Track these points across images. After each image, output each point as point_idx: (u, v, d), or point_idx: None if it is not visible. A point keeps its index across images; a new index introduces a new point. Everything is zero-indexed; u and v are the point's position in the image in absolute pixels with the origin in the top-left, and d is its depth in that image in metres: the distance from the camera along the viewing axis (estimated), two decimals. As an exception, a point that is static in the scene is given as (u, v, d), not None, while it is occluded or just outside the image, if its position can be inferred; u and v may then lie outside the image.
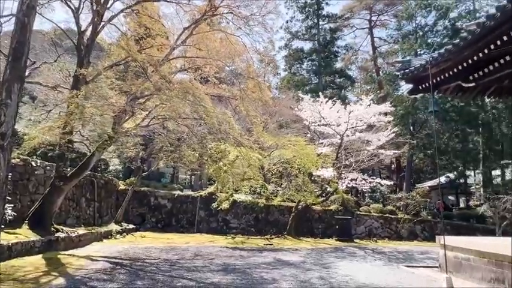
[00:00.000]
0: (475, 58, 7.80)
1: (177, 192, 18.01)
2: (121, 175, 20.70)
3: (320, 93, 16.36)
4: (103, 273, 6.62)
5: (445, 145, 25.23)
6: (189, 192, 18.79)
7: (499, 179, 28.78)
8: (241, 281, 6.48)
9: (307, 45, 34.34)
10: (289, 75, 33.44)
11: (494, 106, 27.17)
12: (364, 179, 15.05)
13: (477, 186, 30.65)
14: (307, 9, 33.37)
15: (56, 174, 9.65)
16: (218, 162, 13.23)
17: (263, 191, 16.50)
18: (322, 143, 16.46)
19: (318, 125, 16.44)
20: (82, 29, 10.69)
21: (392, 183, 19.00)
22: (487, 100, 27.88)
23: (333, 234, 16.54)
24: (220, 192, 14.91)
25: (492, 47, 7.20)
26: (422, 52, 26.18)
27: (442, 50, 8.41)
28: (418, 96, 28.40)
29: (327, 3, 33.38)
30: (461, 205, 29.55)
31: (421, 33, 27.06)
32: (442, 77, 8.98)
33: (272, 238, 15.13)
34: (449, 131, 25.96)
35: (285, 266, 8.53)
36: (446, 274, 6.94)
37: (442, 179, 29.77)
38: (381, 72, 31.13)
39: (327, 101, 15.82)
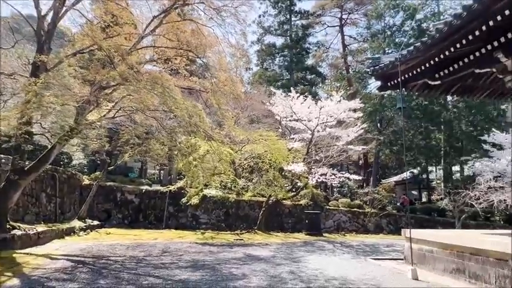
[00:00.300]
0: (442, 56, 8.04)
1: (145, 187, 17.49)
2: (86, 169, 19.84)
3: (292, 89, 16.39)
4: (63, 272, 6.25)
5: (410, 142, 26.20)
6: (158, 187, 18.30)
7: (458, 175, 30.33)
8: (211, 277, 6.33)
9: (279, 41, 34.50)
10: (261, 70, 33.42)
11: (455, 105, 28.52)
12: (333, 173, 15.31)
13: (438, 182, 32.16)
14: (279, 4, 33.40)
15: (12, 168, 9.00)
16: (188, 157, 12.94)
17: (234, 186, 16.37)
18: (293, 138, 16.54)
19: (290, 120, 16.48)
20: (42, 14, 10.01)
21: (360, 178, 19.49)
22: (449, 99, 29.21)
23: (302, 228, 16.71)
24: (190, 187, 14.63)
25: (458, 45, 7.43)
26: (390, 51, 26.95)
27: (411, 48, 8.61)
28: (386, 94, 29.34)
29: (299, 0, 33.65)
30: (424, 199, 30.90)
31: (389, 32, 27.84)
32: (410, 74, 9.22)
33: (242, 233, 15.05)
34: (413, 128, 26.98)
35: (255, 261, 8.46)
36: (412, 266, 7.14)
37: (407, 173, 30.98)
38: (350, 70, 31.76)
39: (298, 97, 15.89)
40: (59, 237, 10.90)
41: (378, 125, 26.77)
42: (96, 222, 14.79)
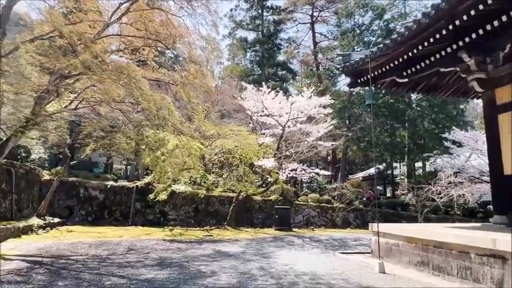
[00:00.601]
0: (410, 54, 8.23)
1: (111, 183, 16.81)
2: (47, 164, 18.81)
3: (263, 84, 16.31)
4: (16, 274, 5.80)
5: (376, 138, 26.95)
6: (124, 182, 17.65)
7: (420, 171, 31.67)
8: (178, 275, 6.11)
9: (251, 36, 34.30)
10: (233, 65, 33.13)
11: (419, 104, 29.67)
12: (303, 169, 15.43)
13: (402, 177, 33.41)
14: (252, -1, 33.26)
15: (-40, 162, 8.28)
16: (156, 151, 12.54)
17: (204, 181, 16.09)
18: (264, 133, 16.48)
19: (261, 115, 16.40)
20: (-5, -4, 9.25)
21: (329, 173, 19.83)
22: (413, 98, 30.33)
23: (272, 223, 16.75)
24: (158, 182, 14.20)
25: (426, 44, 7.61)
26: (359, 49, 27.50)
27: (381, 45, 8.74)
28: (354, 91, 30.01)
29: (271, -5, 33.56)
30: (388, 194, 32.03)
31: (358, 31, 28.42)
32: (380, 71, 9.39)
33: (212, 229, 14.84)
34: (380, 126, 27.79)
35: (224, 257, 8.31)
36: (379, 260, 7.27)
37: (373, 170, 31.94)
38: (320, 67, 32.17)
39: (270, 92, 15.84)
40: (14, 236, 10.20)
41: (347, 121, 27.33)
42: (57, 220, 14.03)
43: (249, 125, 17.45)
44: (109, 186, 16.50)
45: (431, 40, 7.37)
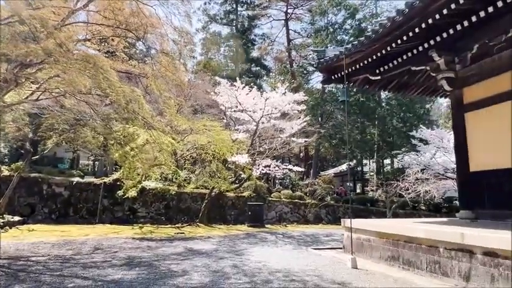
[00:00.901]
0: (384, 51, 8.31)
1: (77, 179, 16.04)
2: (7, 160, 17.70)
3: (237, 79, 16.09)
4: (-32, 278, 5.33)
5: (348, 136, 27.45)
6: (91, 179, 16.90)
7: (389, 167, 32.65)
8: (148, 275, 5.85)
9: (225, 30, 33.86)
10: (206, 59, 32.59)
11: (388, 102, 30.49)
12: (277, 165, 15.39)
13: (371, 174, 34.31)
14: (226, -7, 32.79)
15: None
16: (125, 147, 12.07)
17: (175, 177, 15.70)
18: (238, 129, 16.29)
19: (234, 110, 16.19)
20: None
21: (302, 170, 19.95)
22: (383, 96, 31.14)
23: (245, 220, 16.64)
24: (127, 178, 13.69)
25: (399, 41, 7.70)
26: (332, 47, 27.85)
27: (356, 42, 8.79)
28: (327, 89, 30.41)
29: (246, -11, 33.23)
30: (358, 191, 32.79)
31: (331, 29, 28.74)
32: (354, 68, 9.45)
33: (183, 226, 14.53)
34: (351, 123, 28.30)
35: (196, 255, 8.10)
36: (352, 255, 7.31)
37: (344, 166, 32.59)
38: (294, 64, 32.32)
39: (244, 87, 15.66)
40: (-32, 236, 9.48)
41: (319, 119, 27.64)
42: (17, 218, 13.21)
43: (223, 120, 17.19)
44: (74, 182, 15.74)
45: (405, 38, 7.46)
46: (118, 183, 15.21)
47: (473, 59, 8.39)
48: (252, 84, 17.56)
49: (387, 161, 32.87)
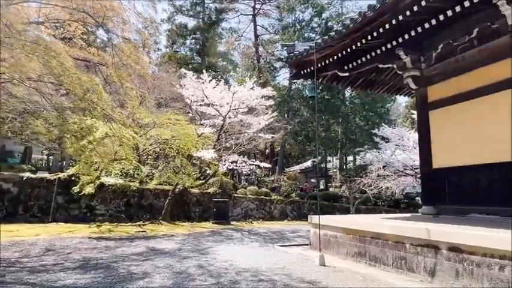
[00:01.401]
0: (354, 47, 8.27)
1: (27, 174, 14.82)
2: None
3: (204, 71, 15.60)
4: None
5: (313, 132, 27.79)
6: (44, 174, 15.70)
7: (351, 164, 33.53)
8: (104, 279, 5.37)
9: (191, 22, 32.88)
10: (171, 51, 31.53)
11: (352, 101, 31.26)
12: (244, 161, 15.12)
13: (334, 170, 35.08)
14: (192, -17, 31.83)
15: None
16: (81, 140, 11.28)
17: (137, 173, 14.97)
18: (203, 124, 15.82)
19: (200, 104, 15.70)
20: None
21: (270, 166, 19.83)
22: (347, 95, 31.86)
23: (210, 217, 16.27)
24: (84, 174, 12.84)
25: (369, 37, 7.68)
26: (302, 43, 27.97)
27: (326, 37, 8.70)
28: (294, 86, 30.58)
29: (213, -18, 32.45)
30: (322, 187, 33.39)
31: (299, 26, 28.88)
32: (323, 63, 9.36)
33: (145, 224, 13.89)
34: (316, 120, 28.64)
35: (158, 255, 7.66)
36: (320, 252, 7.23)
37: (309, 163, 33.00)
38: (261, 60, 32.18)
39: (211, 80, 15.20)
40: None
41: (286, 115, 27.72)
42: (-44, 217, 11.98)
43: (188, 114, 16.63)
44: (25, 178, 14.53)
45: (375, 34, 7.45)
46: (74, 179, 14.22)
47: (438, 59, 8.60)
48: (219, 77, 17.06)
49: (350, 158, 33.73)
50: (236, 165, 14.94)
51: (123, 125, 11.05)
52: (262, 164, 16.50)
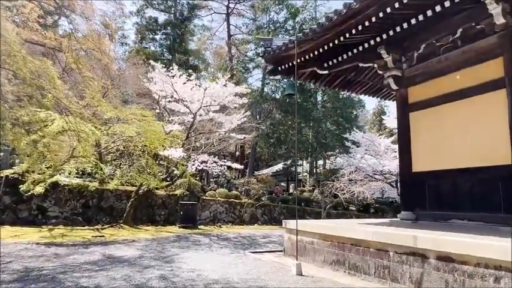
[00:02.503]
0: (336, 41, 7.81)
1: (-32, 172, 13.22)
2: None
3: (174, 65, 14.66)
4: None
5: (285, 135, 27.44)
6: (-11, 171, 14.10)
7: (321, 168, 33.55)
8: (45, 296, 4.47)
9: (162, 17, 31.56)
10: (140, 46, 30.07)
11: (324, 105, 31.30)
12: (215, 161, 14.31)
13: (304, 174, 34.96)
14: (163, -24, 30.56)
15: None
16: (32, 134, 10.11)
17: (96, 172, 13.77)
18: (172, 120, 14.87)
19: (169, 100, 14.75)
20: None
21: (241, 167, 19.07)
22: (319, 99, 31.89)
23: (176, 220, 15.33)
24: (34, 172, 11.58)
25: (353, 31, 7.26)
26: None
27: (307, 30, 8.21)
28: (266, 87, 30.16)
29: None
30: (291, 190, 33.14)
31: (273, 27, 28.53)
32: (302, 59, 8.85)
33: (104, 228, 12.77)
34: (288, 123, 28.38)
35: (116, 264, 6.76)
36: (296, 261, 6.64)
37: (280, 166, 32.66)
38: (234, 60, 31.53)
39: (181, 75, 14.32)
40: None
41: (257, 117, 27.19)
42: None
43: (155, 110, 15.62)
44: (-34, 175, 12.93)
45: (360, 28, 7.03)
46: (24, 177, 12.83)
47: (420, 59, 8.35)
48: (190, 75, 16.16)
49: (320, 162, 33.73)
50: (206, 166, 14.11)
51: (81, 118, 10.01)
52: (234, 165, 15.76)
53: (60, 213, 13.70)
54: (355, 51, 8.50)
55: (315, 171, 32.36)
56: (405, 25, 7.21)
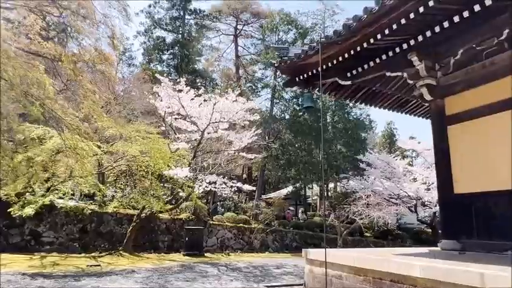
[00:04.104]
0: (365, 45, 6.94)
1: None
2: None
3: (181, 79, 13.90)
4: None
5: (295, 157, 26.35)
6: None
7: (331, 191, 32.14)
8: None
9: (169, 37, 31.39)
10: (147, 65, 29.69)
11: (334, 126, 30.35)
12: (224, 182, 13.21)
13: (314, 198, 33.57)
14: (173, -1, 30.58)
15: None
16: (24, 152, 9.26)
17: (94, 193, 12.75)
18: (178, 138, 13.94)
19: (176, 118, 13.91)
20: None
21: (254, 188, 17.75)
22: (329, 120, 31.01)
23: (181, 247, 14.13)
24: (23, 194, 10.63)
25: (387, 31, 6.39)
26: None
27: (330, 34, 7.37)
28: (275, 108, 29.39)
29: (195, -1, 31.36)
30: (300, 215, 31.67)
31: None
32: (324, 67, 7.97)
33: (102, 256, 11.65)
34: (297, 144, 27.31)
35: (108, 303, 5.65)
36: (326, 301, 5.47)
37: (289, 189, 31.35)
38: (242, 80, 31.03)
39: (189, 91, 13.54)
40: None
41: (266, 137, 26.26)
42: None
43: (161, 128, 14.74)
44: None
45: (394, 27, 6.15)
46: (17, 199, 11.83)
47: (458, 65, 7.40)
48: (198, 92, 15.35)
49: (331, 185, 32.39)
50: (215, 187, 13.03)
51: (79, 134, 9.14)
52: (245, 186, 14.62)
53: (55, 239, 12.61)
54: (383, 57, 7.60)
55: (325, 194, 30.98)
56: (442, 26, 6.33)
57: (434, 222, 21.43)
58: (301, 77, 8.66)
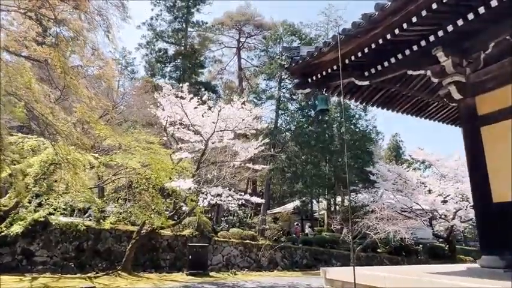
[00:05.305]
0: (388, 37, 6.24)
1: None
2: None
3: (184, 86, 13.24)
4: None
5: (301, 169, 25.48)
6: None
7: (338, 206, 31.06)
8: None
9: (171, 49, 31.02)
10: (149, 78, 29.20)
11: (341, 137, 29.55)
12: (230, 194, 12.36)
13: (321, 212, 32.44)
14: (175, 11, 30.34)
15: None
16: (16, 164, 8.55)
17: (89, 207, 11.93)
18: (180, 148, 13.18)
19: (178, 128, 13.21)
20: None
21: (263, 200, 16.74)
22: (335, 132, 30.26)
23: (184, 266, 13.21)
24: (13, 208, 9.84)
25: (414, 19, 5.70)
26: (286, 76, 26.58)
27: (348, 27, 6.70)
28: (279, 119, 28.70)
29: (198, 10, 31.12)
30: (306, 230, 30.54)
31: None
32: (336, 67, 7.30)
33: (99, 276, 10.76)
34: (305, 155, 26.45)
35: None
36: (358, 331, 4.59)
37: (295, 203, 30.30)
38: (245, 93, 30.48)
39: (192, 98, 12.89)
40: None
41: (272, 149, 25.48)
42: None
43: (162, 138, 14.03)
44: None
45: (423, 14, 5.45)
46: (9, 214, 11.06)
47: (489, 60, 6.67)
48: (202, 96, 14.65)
49: (338, 199, 31.38)
50: (220, 199, 12.18)
51: (72, 143, 8.42)
52: (253, 198, 13.76)
53: (48, 258, 11.74)
54: (407, 52, 6.88)
55: (333, 208, 29.93)
56: (475, 15, 5.64)
57: (451, 237, 20.39)
58: (314, 78, 7.95)
